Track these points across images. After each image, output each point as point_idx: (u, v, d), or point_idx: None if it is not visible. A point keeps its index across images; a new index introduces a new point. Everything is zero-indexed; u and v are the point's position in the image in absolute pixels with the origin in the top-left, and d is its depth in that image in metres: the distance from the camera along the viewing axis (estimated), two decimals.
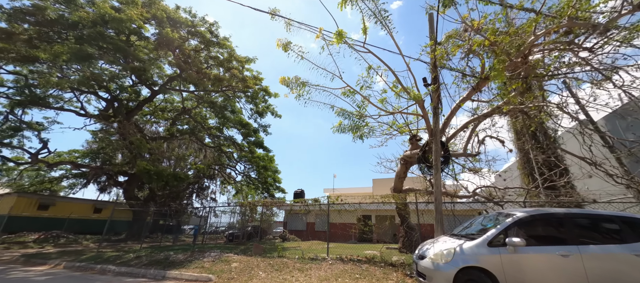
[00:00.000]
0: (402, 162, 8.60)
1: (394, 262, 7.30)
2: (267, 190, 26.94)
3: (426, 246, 5.33)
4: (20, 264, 8.90)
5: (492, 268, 4.21)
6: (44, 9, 10.68)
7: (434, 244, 5.16)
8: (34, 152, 17.28)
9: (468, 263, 4.30)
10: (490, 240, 4.43)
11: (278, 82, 21.96)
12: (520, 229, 4.45)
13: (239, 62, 18.06)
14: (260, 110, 22.09)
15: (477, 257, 4.34)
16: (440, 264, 4.51)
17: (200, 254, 8.31)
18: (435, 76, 6.70)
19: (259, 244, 8.98)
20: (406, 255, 8.62)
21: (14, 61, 12.64)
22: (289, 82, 7.43)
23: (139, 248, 11.65)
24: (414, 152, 7.98)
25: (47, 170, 22.22)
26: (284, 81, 7.43)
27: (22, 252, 12.75)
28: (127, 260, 8.27)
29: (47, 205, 22.20)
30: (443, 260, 4.52)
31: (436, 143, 6.66)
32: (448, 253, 4.55)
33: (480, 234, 4.76)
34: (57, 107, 18.15)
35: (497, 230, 4.52)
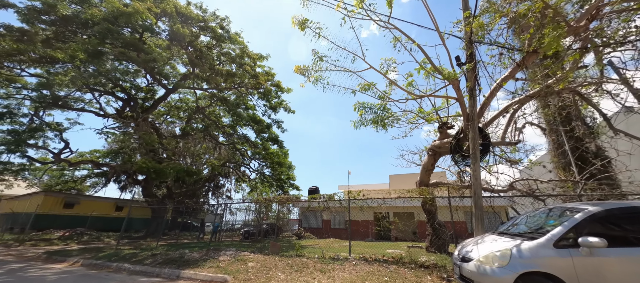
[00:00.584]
0: (430, 153, 7.80)
1: (425, 263, 6.57)
2: (281, 187, 26.67)
3: (469, 247, 4.58)
4: (41, 261, 8.93)
5: (562, 274, 3.43)
6: (54, 6, 10.70)
7: (479, 244, 4.41)
8: (57, 152, 17.77)
9: (530, 268, 3.54)
10: (556, 240, 3.63)
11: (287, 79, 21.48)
12: (594, 226, 3.63)
13: (251, 59, 17.70)
14: (274, 105, 21.71)
15: (541, 260, 3.57)
16: (493, 269, 3.77)
17: (216, 252, 7.95)
18: (471, 53, 5.87)
19: (275, 242, 8.52)
20: (436, 255, 7.85)
21: (33, 62, 12.87)
22: (305, 70, 6.84)
23: (155, 246, 11.56)
24: (444, 142, 7.18)
25: (72, 170, 23.03)
26: (299, 69, 6.85)
27: (47, 248, 13.06)
28: (142, 258, 8.04)
29: (72, 204, 23.02)
30: (496, 264, 3.78)
31: (474, 129, 5.84)
32: (502, 256, 3.80)
33: (540, 233, 3.98)
34: (78, 108, 18.62)
35: (564, 228, 3.71)
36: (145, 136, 12.59)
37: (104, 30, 10.61)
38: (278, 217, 10.07)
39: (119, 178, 26.76)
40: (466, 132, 6.23)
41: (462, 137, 6.40)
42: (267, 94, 21.30)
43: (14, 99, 16.47)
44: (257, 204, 11.48)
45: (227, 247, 11.70)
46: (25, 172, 18.65)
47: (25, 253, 11.03)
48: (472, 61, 5.78)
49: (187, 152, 22.89)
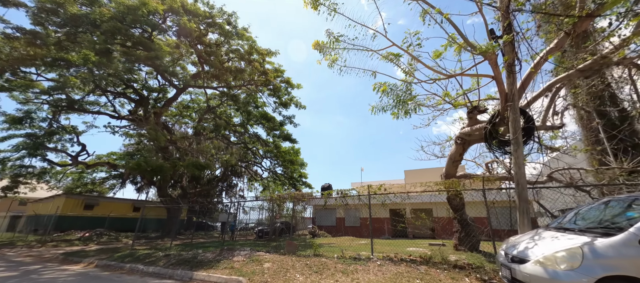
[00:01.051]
0: (458, 141, 7.07)
1: (458, 263, 5.90)
2: (293, 185, 26.34)
3: (521, 245, 3.90)
4: (58, 263, 8.89)
5: None
6: (62, 5, 10.68)
7: (536, 242, 3.73)
8: (74, 154, 18.11)
9: (612, 271, 2.85)
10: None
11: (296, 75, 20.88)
12: None
13: (260, 55, 17.33)
14: (284, 101, 21.33)
15: (624, 261, 2.88)
16: (559, 271, 3.09)
17: (230, 253, 7.57)
18: (509, 23, 5.12)
19: (291, 241, 8.06)
20: (467, 254, 7.14)
21: (48, 66, 13.01)
22: (323, 46, 6.26)
23: (170, 245, 11.41)
24: (476, 128, 6.45)
25: (90, 172, 23.60)
26: (317, 45, 6.27)
27: (67, 249, 13.24)
28: (156, 259, 7.79)
29: (92, 205, 23.62)
30: (563, 266, 3.11)
31: (514, 110, 5.10)
32: (571, 256, 3.12)
33: (613, 228, 3.26)
34: (94, 111, 18.95)
35: None
36: (151, 131, 12.46)
37: (112, 28, 10.50)
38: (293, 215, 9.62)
39: (135, 180, 27.31)
40: (504, 115, 5.49)
41: (498, 121, 5.66)
42: (277, 90, 20.93)
43: (33, 104, 16.91)
44: (271, 202, 11.07)
45: (241, 246, 11.40)
46: (47, 175, 19.18)
47: (45, 254, 11.13)
48: (510, 32, 5.04)
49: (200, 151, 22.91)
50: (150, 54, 11.24)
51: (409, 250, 10.00)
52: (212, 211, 36.80)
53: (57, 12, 10.68)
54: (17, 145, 17.05)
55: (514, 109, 5.11)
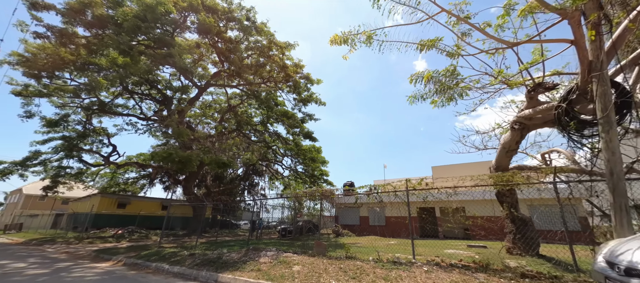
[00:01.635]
0: (515, 126, 6.00)
1: (521, 270, 4.89)
2: (314, 183, 25.82)
3: (632, 253, 2.92)
4: (90, 260, 8.99)
5: None
6: (89, 5, 10.91)
7: None
8: (106, 155, 18.88)
9: None
10: None
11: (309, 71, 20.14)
12: None
13: (279, 48, 16.92)
14: (304, 98, 20.81)
15: None
16: None
17: (255, 253, 7.09)
18: None
19: (320, 241, 7.43)
20: (526, 259, 6.07)
21: (79, 70, 13.50)
22: (348, 36, 5.53)
23: (195, 244, 11.28)
24: (540, 109, 5.37)
25: (121, 172, 24.73)
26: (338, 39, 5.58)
27: (101, 246, 13.69)
28: (181, 258, 7.52)
29: (124, 204, 24.73)
30: None
31: (603, 81, 4.03)
32: None
33: None
34: (124, 114, 19.69)
35: None
36: (175, 128, 12.46)
37: (133, 26, 10.55)
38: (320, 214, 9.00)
39: (162, 179, 28.31)
40: (586, 88, 4.41)
41: (576, 97, 4.58)
42: (297, 86, 20.46)
43: (69, 108, 17.85)
44: (296, 200, 10.55)
45: (266, 245, 11.01)
46: (83, 175, 20.25)
47: (80, 251, 11.45)
48: None
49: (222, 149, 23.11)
50: (170, 51, 11.19)
51: (447, 253, 8.98)
52: (235, 209, 37.46)
53: (84, 13, 10.94)
54: (55, 147, 18.10)
55: (602, 80, 4.03)
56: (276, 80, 20.24)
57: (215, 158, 12.42)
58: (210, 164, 11.78)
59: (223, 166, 12.20)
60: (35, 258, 8.92)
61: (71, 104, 17.62)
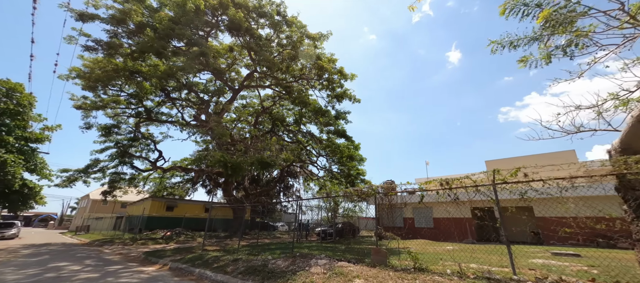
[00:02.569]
0: None
1: None
2: (351, 183, 24.60)
3: None
4: (138, 263, 9.02)
5: None
6: (128, 13, 11.32)
7: None
8: (153, 160, 19.95)
9: None
10: None
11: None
12: None
13: (311, 40, 16.20)
14: (338, 94, 19.78)
15: None
16: None
17: (305, 261, 6.21)
18: None
19: (379, 248, 6.29)
20: None
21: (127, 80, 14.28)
22: None
23: (237, 247, 10.92)
24: None
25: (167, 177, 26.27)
26: None
27: (151, 247, 14.20)
28: (224, 264, 6.98)
29: (172, 207, 26.19)
30: None
31: None
32: None
33: None
34: (167, 121, 20.74)
35: None
36: (216, 127, 12.36)
37: (167, 29, 10.65)
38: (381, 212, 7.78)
39: (204, 183, 29.56)
40: None
41: None
42: (330, 83, 19.53)
43: (121, 118, 19.29)
44: (345, 198, 9.54)
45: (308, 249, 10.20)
46: (135, 180, 21.80)
47: (132, 252, 11.81)
48: None
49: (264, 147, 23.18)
50: (203, 50, 11.10)
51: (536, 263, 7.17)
52: (272, 211, 37.80)
53: (125, 22, 11.41)
54: (111, 155, 19.68)
55: None
56: (308, 77, 19.57)
57: (259, 158, 12.04)
58: (253, 165, 11.42)
59: (266, 166, 11.78)
60: (91, 261, 9.20)
61: (122, 114, 19.02)
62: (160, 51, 11.09)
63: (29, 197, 22.24)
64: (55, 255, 10.75)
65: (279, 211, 39.84)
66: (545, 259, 8.38)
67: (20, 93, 20.05)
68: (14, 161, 18.86)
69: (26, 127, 21.16)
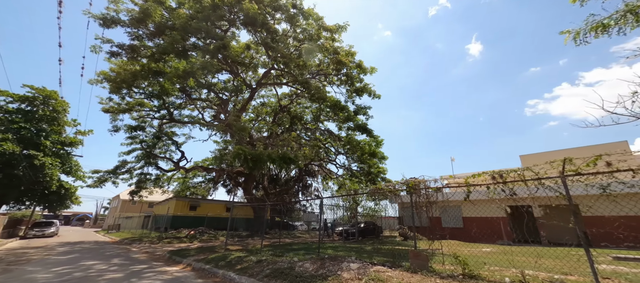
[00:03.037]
0: None
1: None
2: (371, 181, 23.73)
3: None
4: (163, 262, 8.94)
5: None
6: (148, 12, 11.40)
7: None
8: (176, 161, 20.36)
9: None
10: None
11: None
12: None
13: (330, 33, 15.63)
14: (357, 89, 19.04)
15: None
16: None
17: (335, 264, 5.67)
18: None
19: (418, 251, 5.61)
20: None
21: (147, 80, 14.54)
22: None
23: (260, 247, 10.62)
24: None
25: (190, 177, 26.88)
26: None
27: (176, 246, 14.35)
28: (248, 266, 6.60)
29: (195, 206, 26.75)
30: None
31: None
32: None
33: None
34: (189, 122, 21.12)
35: None
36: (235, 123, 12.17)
37: (185, 24, 10.57)
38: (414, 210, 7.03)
39: (225, 182, 29.99)
40: None
41: None
42: (349, 77, 18.82)
43: (145, 120, 19.86)
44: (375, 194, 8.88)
45: (333, 249, 9.66)
46: (160, 180, 22.44)
47: (158, 251, 11.90)
48: None
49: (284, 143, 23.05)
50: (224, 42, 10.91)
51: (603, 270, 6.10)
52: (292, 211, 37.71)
53: (145, 22, 11.53)
54: (137, 156, 20.34)
55: None
56: (326, 73, 19.02)
57: (282, 153, 11.70)
58: (274, 161, 11.09)
59: (289, 162, 11.40)
60: (118, 259, 9.26)
61: (147, 117, 19.59)
62: (180, 51, 11.08)
63: (66, 198, 23.57)
64: (86, 253, 11.05)
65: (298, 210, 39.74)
66: (607, 264, 7.22)
67: (55, 100, 21.26)
68: (51, 164, 20.02)
69: (61, 131, 22.44)
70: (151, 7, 12.11)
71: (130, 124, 18.71)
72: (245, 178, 23.05)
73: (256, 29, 12.59)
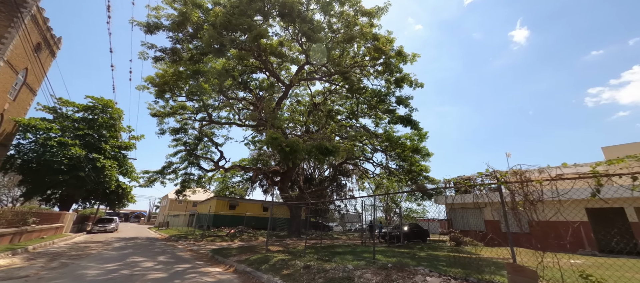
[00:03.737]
0: None
1: None
2: (412, 180, 21.77)
3: None
4: (206, 261, 8.68)
5: None
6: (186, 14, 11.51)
7: None
8: (215, 161, 20.88)
9: None
10: None
11: None
12: None
13: (368, 16, 14.45)
14: (397, 79, 17.42)
15: None
16: None
17: (404, 275, 4.57)
18: None
19: (522, 266, 4.29)
20: None
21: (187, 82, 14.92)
22: None
23: (302, 249, 9.90)
24: None
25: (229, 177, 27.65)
26: None
27: (218, 244, 14.44)
28: (294, 271, 5.83)
29: (234, 206, 27.44)
30: None
31: None
32: None
33: None
34: (227, 122, 21.58)
35: None
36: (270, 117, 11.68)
37: (224, 22, 10.37)
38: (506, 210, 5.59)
39: (261, 182, 30.40)
40: None
41: None
42: (388, 67, 17.31)
43: (187, 122, 20.74)
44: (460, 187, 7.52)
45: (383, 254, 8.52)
46: (202, 180, 23.32)
47: (201, 249, 11.90)
48: None
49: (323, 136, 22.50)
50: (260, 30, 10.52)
51: None
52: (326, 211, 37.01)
53: (185, 24, 11.70)
54: (181, 157, 21.32)
55: None
56: (361, 65, 17.80)
57: (318, 144, 10.88)
58: (311, 153, 10.31)
59: (326, 153, 10.45)
60: (164, 257, 9.26)
61: (188, 119, 20.45)
62: (217, 49, 11.00)
63: (123, 196, 25.84)
64: (137, 250, 11.42)
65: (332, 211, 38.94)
66: None
67: (112, 107, 23.38)
68: (110, 166, 22.03)
69: (118, 136, 24.64)
70: (189, 9, 12.29)
71: (174, 127, 19.64)
72: (281, 177, 22.86)
73: (293, 19, 12.04)
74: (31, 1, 18.20)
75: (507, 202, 4.87)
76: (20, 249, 9.18)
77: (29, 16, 18.01)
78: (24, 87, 19.93)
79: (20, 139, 20.17)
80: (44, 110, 21.13)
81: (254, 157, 29.17)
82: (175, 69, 15.11)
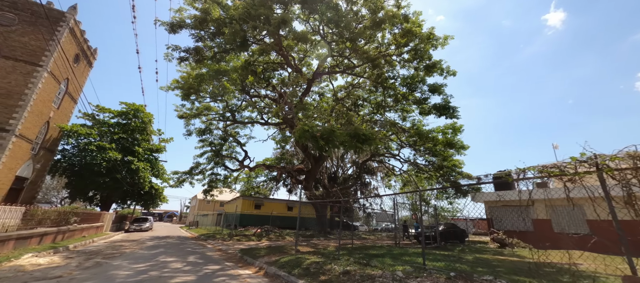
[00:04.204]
0: None
1: None
2: (445, 178, 20.11)
3: None
4: (235, 261, 8.30)
5: None
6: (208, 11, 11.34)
7: None
8: (240, 160, 20.90)
9: None
10: None
11: None
12: None
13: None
14: (427, 65, 16.07)
15: None
16: None
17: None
18: None
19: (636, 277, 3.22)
20: None
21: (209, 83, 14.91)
22: None
23: (332, 249, 9.23)
24: None
25: (254, 176, 27.78)
26: None
27: (245, 243, 14.24)
28: (332, 277, 5.14)
29: (259, 205, 27.53)
30: None
31: None
32: None
33: None
34: (251, 122, 21.56)
35: None
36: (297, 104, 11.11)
37: (244, 14, 10.02)
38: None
39: (285, 181, 30.25)
40: None
41: None
42: (417, 53, 16.02)
43: (212, 123, 21.00)
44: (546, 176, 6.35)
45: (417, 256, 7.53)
46: (228, 180, 23.59)
47: (230, 249, 11.68)
48: None
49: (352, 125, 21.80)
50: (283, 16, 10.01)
51: None
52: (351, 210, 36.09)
53: (206, 21, 11.56)
54: (208, 158, 21.65)
55: None
56: (387, 54, 16.67)
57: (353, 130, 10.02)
58: (345, 142, 9.48)
59: (363, 141, 9.37)
60: (193, 257, 9.05)
61: (213, 120, 20.71)
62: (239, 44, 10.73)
63: (156, 197, 26.98)
64: (168, 249, 11.46)
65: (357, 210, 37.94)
66: None
67: (143, 112, 24.42)
68: (144, 168, 23.03)
69: (149, 139, 25.74)
70: (211, 6, 12.14)
71: (200, 127, 19.95)
72: (306, 176, 22.40)
73: (314, 7, 11.41)
74: (69, 15, 19.44)
75: (615, 197, 3.75)
76: (61, 247, 9.49)
77: (68, 29, 19.23)
78: (66, 96, 21.38)
79: (64, 144, 21.70)
80: (84, 118, 22.58)
81: (277, 156, 29.10)
82: (198, 70, 15.15)
